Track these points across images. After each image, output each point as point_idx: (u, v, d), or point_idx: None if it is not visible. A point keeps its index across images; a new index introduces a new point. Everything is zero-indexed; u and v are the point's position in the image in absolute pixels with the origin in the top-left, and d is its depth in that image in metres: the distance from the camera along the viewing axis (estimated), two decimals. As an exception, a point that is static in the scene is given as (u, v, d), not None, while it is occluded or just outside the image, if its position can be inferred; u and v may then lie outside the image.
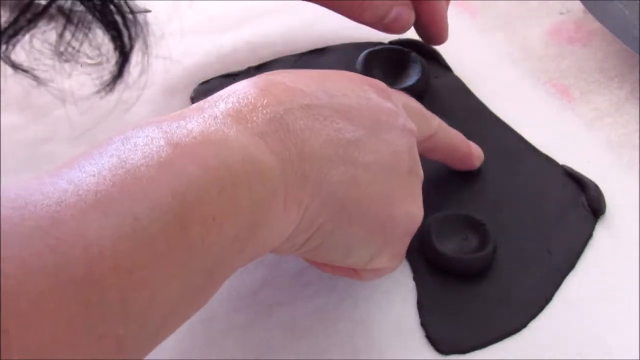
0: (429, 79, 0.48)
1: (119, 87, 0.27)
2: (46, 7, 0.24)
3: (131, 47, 0.27)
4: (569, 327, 0.38)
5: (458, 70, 0.49)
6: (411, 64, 0.47)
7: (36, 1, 0.24)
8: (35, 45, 0.25)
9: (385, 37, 0.49)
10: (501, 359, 0.37)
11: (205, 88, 0.48)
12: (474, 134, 0.46)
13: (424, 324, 0.38)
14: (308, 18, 0.52)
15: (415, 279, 0.40)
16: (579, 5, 0.53)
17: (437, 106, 0.47)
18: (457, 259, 0.39)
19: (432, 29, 0.46)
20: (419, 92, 0.47)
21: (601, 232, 0.42)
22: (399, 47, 0.48)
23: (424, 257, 0.40)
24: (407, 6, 0.45)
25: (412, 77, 0.47)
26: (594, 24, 0.52)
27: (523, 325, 0.38)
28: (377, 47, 0.48)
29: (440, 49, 0.49)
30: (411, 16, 0.45)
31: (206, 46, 0.46)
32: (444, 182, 0.44)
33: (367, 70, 0.47)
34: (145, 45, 0.27)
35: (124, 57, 0.27)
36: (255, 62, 0.49)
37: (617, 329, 0.38)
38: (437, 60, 0.50)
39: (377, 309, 0.39)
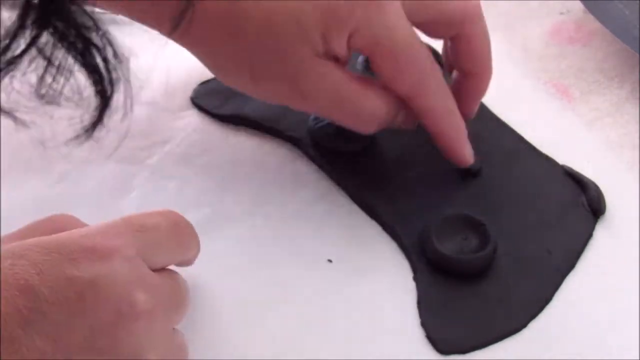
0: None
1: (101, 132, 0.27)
2: (26, 49, 0.24)
3: (112, 92, 0.26)
4: (569, 327, 0.38)
5: (458, 70, 0.49)
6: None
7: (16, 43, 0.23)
8: (15, 86, 0.25)
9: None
10: (501, 359, 0.37)
11: (205, 88, 0.48)
12: (474, 134, 0.46)
13: (424, 324, 0.38)
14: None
15: (415, 279, 0.40)
16: (579, 5, 0.53)
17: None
18: (457, 259, 0.39)
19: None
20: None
21: (601, 232, 0.42)
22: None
23: (424, 257, 0.40)
24: (410, 114, 0.42)
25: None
26: (594, 24, 0.52)
27: (523, 325, 0.38)
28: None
29: (440, 49, 0.49)
30: (413, 121, 0.43)
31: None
32: (444, 182, 0.44)
33: (367, 70, 0.47)
34: (128, 89, 0.27)
35: (104, 102, 0.26)
36: (255, 62, 0.49)
37: (617, 329, 0.38)
38: (437, 61, 0.50)
39: (377, 309, 0.39)
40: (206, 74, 0.49)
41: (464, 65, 0.43)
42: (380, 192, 0.43)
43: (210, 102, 0.48)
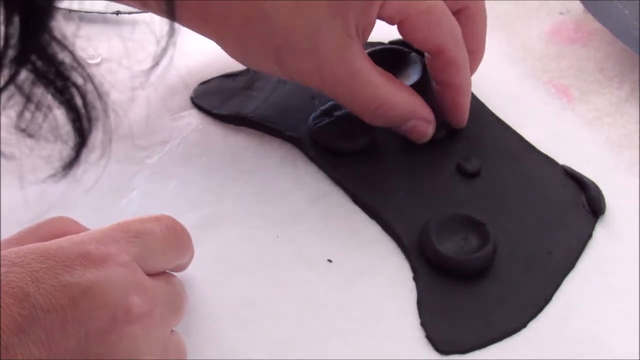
0: (429, 79, 0.48)
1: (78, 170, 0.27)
2: (4, 87, 0.23)
3: (90, 131, 0.26)
4: (569, 327, 0.38)
5: (458, 70, 0.49)
6: (411, 64, 0.47)
7: None
8: None
9: (385, 37, 0.49)
10: (501, 359, 0.37)
11: (205, 88, 0.48)
12: (474, 133, 0.46)
13: (424, 324, 0.38)
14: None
15: (415, 279, 0.40)
16: (579, 5, 0.53)
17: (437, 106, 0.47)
18: (457, 259, 0.39)
19: (453, 116, 0.45)
20: (418, 92, 0.47)
21: (601, 232, 0.42)
22: (399, 47, 0.48)
23: (424, 257, 0.40)
24: (425, 121, 0.44)
25: (412, 77, 0.47)
26: (594, 24, 0.52)
27: (523, 325, 0.38)
28: (377, 47, 0.48)
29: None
30: (428, 130, 0.44)
31: (206, 46, 0.46)
32: (444, 182, 0.44)
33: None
34: (108, 127, 0.27)
35: (82, 140, 0.26)
36: (255, 62, 0.49)
37: (617, 329, 0.38)
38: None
39: (377, 309, 0.39)
40: (206, 74, 0.49)
41: (465, 41, 0.44)
42: (380, 192, 0.43)
43: (210, 102, 0.48)
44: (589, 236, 0.42)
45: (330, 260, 0.41)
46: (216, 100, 0.48)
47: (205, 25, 0.43)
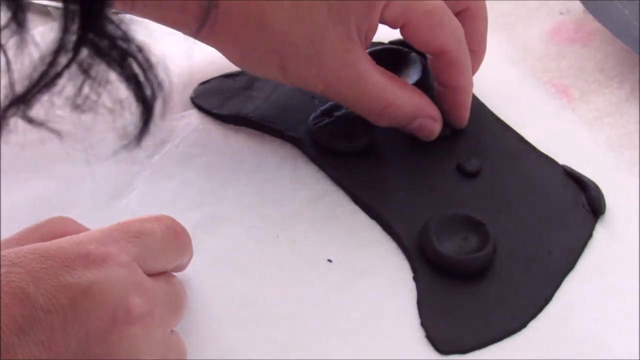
0: (429, 79, 0.48)
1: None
2: (66, 66, 0.24)
3: (154, 99, 0.27)
4: (569, 327, 0.38)
5: (458, 70, 0.49)
6: (411, 64, 0.47)
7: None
8: (52, 100, 0.25)
9: (386, 37, 0.49)
10: (501, 359, 0.37)
11: (205, 88, 0.48)
12: (474, 134, 0.46)
13: (424, 324, 0.38)
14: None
15: (415, 279, 0.40)
16: (579, 5, 0.53)
17: (437, 106, 0.47)
18: (457, 259, 0.39)
19: (453, 117, 0.45)
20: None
21: (601, 232, 0.42)
22: (399, 47, 0.48)
23: (424, 257, 0.40)
24: (432, 119, 0.44)
25: (412, 77, 0.47)
26: (594, 24, 0.52)
27: (523, 325, 0.38)
28: (377, 47, 0.48)
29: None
30: (435, 128, 0.44)
31: (206, 46, 0.46)
32: (444, 182, 0.44)
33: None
34: (164, 94, 0.27)
35: (147, 109, 0.27)
36: (255, 62, 0.49)
37: (617, 329, 0.38)
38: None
39: (377, 309, 0.39)
40: (206, 74, 0.49)
41: (467, 41, 0.44)
42: (380, 192, 0.43)
43: (210, 102, 0.48)
44: (589, 236, 0.42)
45: (330, 260, 0.41)
46: (216, 100, 0.48)
47: (213, 41, 0.43)
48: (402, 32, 0.42)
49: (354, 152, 0.45)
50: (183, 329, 0.36)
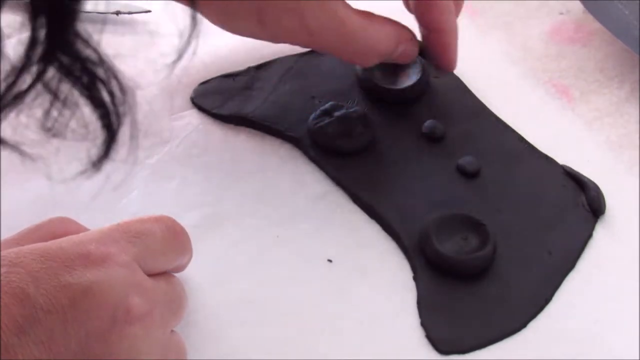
0: (429, 79, 0.48)
1: (107, 166, 0.27)
2: (32, 85, 0.24)
3: (118, 126, 0.26)
4: (569, 327, 0.38)
5: (458, 70, 0.49)
6: (411, 64, 0.47)
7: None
8: (22, 120, 0.25)
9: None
10: (501, 359, 0.37)
11: (205, 88, 0.48)
12: (474, 134, 0.46)
13: (424, 324, 0.38)
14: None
15: (415, 279, 0.40)
16: (579, 5, 0.53)
17: (437, 106, 0.47)
18: (457, 259, 0.39)
19: (441, 61, 0.46)
20: (418, 93, 0.47)
21: (601, 232, 0.42)
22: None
23: (424, 257, 0.40)
24: (411, 42, 0.45)
25: (412, 77, 0.47)
26: (594, 24, 0.52)
27: (523, 325, 0.38)
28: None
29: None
30: (415, 50, 0.45)
31: (206, 46, 0.46)
32: (444, 182, 0.44)
33: (367, 70, 0.47)
34: (134, 123, 0.27)
35: (111, 136, 0.26)
36: (255, 62, 0.49)
37: (617, 329, 0.38)
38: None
39: (377, 309, 0.39)
40: (206, 73, 0.49)
41: (429, 23, 0.45)
42: (380, 192, 0.43)
43: (210, 102, 0.48)
44: (589, 236, 0.42)
45: (330, 260, 0.41)
46: (216, 100, 0.48)
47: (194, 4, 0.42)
48: None
49: (354, 152, 0.45)
50: (183, 329, 0.36)
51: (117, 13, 0.52)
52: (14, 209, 0.41)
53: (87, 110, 0.26)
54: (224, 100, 0.48)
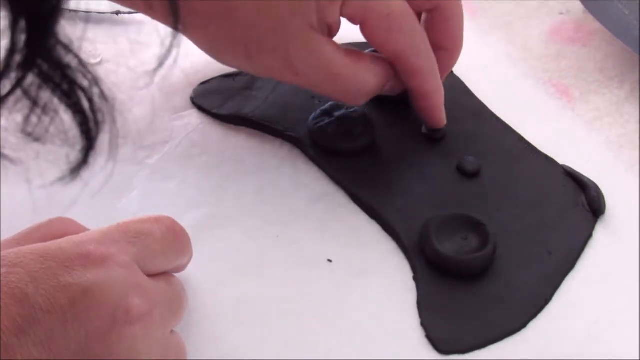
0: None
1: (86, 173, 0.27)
2: (11, 91, 0.24)
3: (97, 134, 0.26)
4: (569, 327, 0.38)
5: (458, 70, 0.49)
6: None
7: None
8: (2, 123, 0.25)
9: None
10: (501, 359, 0.37)
11: (205, 88, 0.48)
12: (474, 134, 0.46)
13: (424, 324, 0.38)
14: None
15: (415, 279, 0.40)
16: (579, 5, 0.53)
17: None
18: (457, 259, 0.39)
19: (427, 120, 0.45)
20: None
21: (601, 232, 0.42)
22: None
23: (423, 257, 0.40)
24: (395, 78, 0.44)
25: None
26: (594, 24, 0.52)
27: (523, 325, 0.38)
28: (371, 49, 0.48)
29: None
30: (401, 85, 0.44)
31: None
32: (444, 182, 0.44)
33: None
34: (114, 130, 0.27)
35: (89, 143, 0.26)
36: (255, 62, 0.49)
37: (617, 329, 0.38)
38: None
39: (377, 309, 0.39)
40: (206, 74, 0.49)
41: (438, 39, 0.44)
42: (380, 192, 0.43)
43: (210, 102, 0.48)
44: (589, 236, 0.42)
45: (330, 260, 0.41)
46: (216, 100, 0.48)
47: (184, 31, 0.42)
48: (361, 30, 0.42)
49: (354, 152, 0.45)
50: (183, 329, 0.36)
51: (117, 13, 0.52)
52: (14, 209, 0.41)
53: (67, 116, 0.25)
54: (224, 100, 0.48)
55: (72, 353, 0.30)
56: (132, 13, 0.52)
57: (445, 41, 0.44)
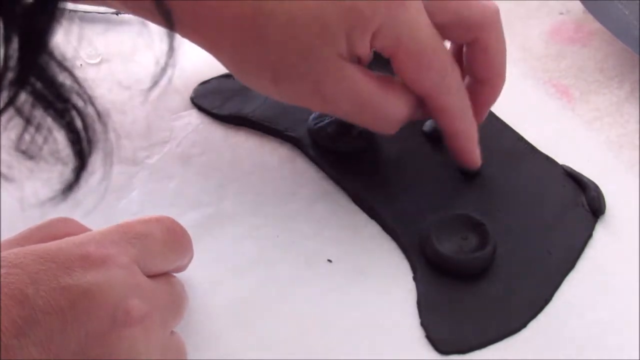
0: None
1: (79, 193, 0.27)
2: (3, 110, 0.23)
3: (90, 153, 0.26)
4: (569, 327, 0.38)
5: (458, 70, 0.49)
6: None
7: None
8: None
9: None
10: (501, 359, 0.37)
11: (205, 88, 0.48)
12: (474, 134, 0.46)
13: (424, 324, 0.38)
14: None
15: (415, 279, 0.40)
16: (579, 5, 0.53)
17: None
18: (457, 259, 0.39)
19: (460, 162, 0.44)
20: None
21: (601, 232, 0.42)
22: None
23: (423, 257, 0.40)
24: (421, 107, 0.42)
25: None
26: (594, 24, 0.52)
27: (523, 325, 0.38)
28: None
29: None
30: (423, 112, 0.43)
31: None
32: (443, 182, 0.44)
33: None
34: (108, 149, 0.27)
35: (82, 163, 0.26)
36: (255, 62, 0.49)
37: (617, 329, 0.38)
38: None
39: (377, 309, 0.39)
40: (206, 74, 0.49)
41: (478, 72, 0.43)
42: (380, 192, 0.43)
43: (210, 102, 0.48)
44: (589, 236, 0.42)
45: (330, 260, 0.41)
46: (216, 100, 0.48)
47: (200, 37, 0.41)
48: (391, 64, 0.40)
49: (354, 152, 0.45)
50: (183, 329, 0.36)
51: (117, 13, 0.52)
52: (14, 210, 0.41)
53: (60, 135, 0.25)
54: (224, 100, 0.48)
55: (72, 354, 0.30)
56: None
57: (485, 74, 0.43)
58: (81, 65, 0.49)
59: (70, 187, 0.27)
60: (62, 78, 0.24)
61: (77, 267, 0.31)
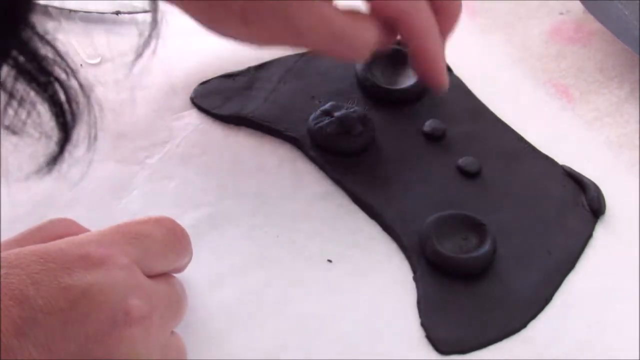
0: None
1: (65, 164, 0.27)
2: None
3: (74, 126, 0.26)
4: (569, 327, 0.38)
5: (458, 70, 0.49)
6: (411, 65, 0.47)
7: None
8: None
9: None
10: (501, 359, 0.37)
11: (205, 88, 0.48)
12: (474, 134, 0.46)
13: (424, 324, 0.38)
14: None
15: (415, 279, 0.40)
16: (579, 5, 0.53)
17: (437, 106, 0.47)
18: (457, 259, 0.39)
19: (429, 82, 0.44)
20: (418, 93, 0.47)
21: (601, 232, 0.42)
22: (399, 47, 0.48)
23: (423, 257, 0.40)
24: (388, 35, 0.43)
25: (412, 78, 0.47)
26: (594, 24, 0.52)
27: (523, 325, 0.38)
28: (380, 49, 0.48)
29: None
30: (392, 38, 0.44)
31: (206, 46, 0.46)
32: (444, 182, 0.44)
33: (367, 70, 0.47)
34: (92, 120, 0.27)
35: (65, 135, 0.26)
36: (255, 62, 0.49)
37: (617, 329, 0.38)
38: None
39: (377, 309, 0.39)
40: (206, 74, 0.49)
41: (436, 5, 0.43)
42: (380, 192, 0.43)
43: (210, 102, 0.48)
44: (589, 236, 0.42)
45: (330, 260, 0.41)
46: (216, 100, 0.48)
47: (179, 4, 0.41)
48: None
49: (354, 152, 0.45)
50: (183, 329, 0.36)
51: (117, 13, 0.52)
52: (14, 210, 0.41)
53: (44, 109, 0.25)
54: (224, 100, 0.48)
55: (72, 354, 0.30)
56: (132, 13, 0.52)
57: (443, 6, 0.43)
58: (81, 65, 0.48)
59: (54, 160, 0.27)
60: (45, 51, 0.24)
61: (77, 267, 0.31)
